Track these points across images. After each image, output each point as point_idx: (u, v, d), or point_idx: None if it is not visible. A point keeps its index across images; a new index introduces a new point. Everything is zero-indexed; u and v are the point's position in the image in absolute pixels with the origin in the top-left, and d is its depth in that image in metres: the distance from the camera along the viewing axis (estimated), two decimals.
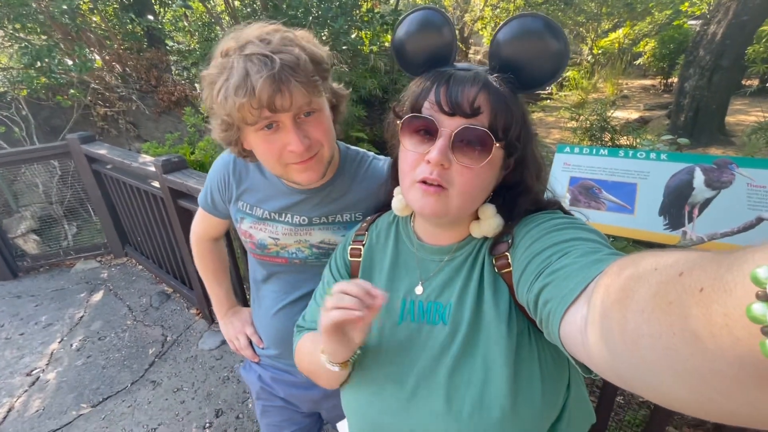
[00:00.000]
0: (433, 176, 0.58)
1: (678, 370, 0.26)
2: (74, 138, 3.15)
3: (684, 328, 0.25)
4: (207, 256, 1.21)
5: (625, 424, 1.73)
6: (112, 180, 3.09)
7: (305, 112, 0.75)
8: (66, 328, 2.72)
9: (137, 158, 2.66)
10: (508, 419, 0.57)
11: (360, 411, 0.70)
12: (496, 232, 0.64)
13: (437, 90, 0.58)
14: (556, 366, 0.62)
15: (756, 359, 0.21)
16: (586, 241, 0.52)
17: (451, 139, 0.57)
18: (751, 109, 6.83)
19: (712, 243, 1.21)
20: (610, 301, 0.34)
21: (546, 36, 0.57)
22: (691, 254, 0.28)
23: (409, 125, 0.61)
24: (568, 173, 1.44)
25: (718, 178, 1.24)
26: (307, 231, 0.94)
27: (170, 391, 2.17)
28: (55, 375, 2.32)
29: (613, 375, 0.35)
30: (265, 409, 1.14)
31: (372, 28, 6.85)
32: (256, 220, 0.96)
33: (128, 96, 5.00)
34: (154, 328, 2.66)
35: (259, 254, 0.99)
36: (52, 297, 3.07)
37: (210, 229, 1.16)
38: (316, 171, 0.81)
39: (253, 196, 0.96)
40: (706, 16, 6.07)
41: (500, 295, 0.62)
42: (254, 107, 0.68)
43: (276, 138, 0.75)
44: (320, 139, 0.78)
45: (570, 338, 0.42)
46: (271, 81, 0.66)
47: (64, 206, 3.66)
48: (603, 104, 4.90)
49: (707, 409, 0.27)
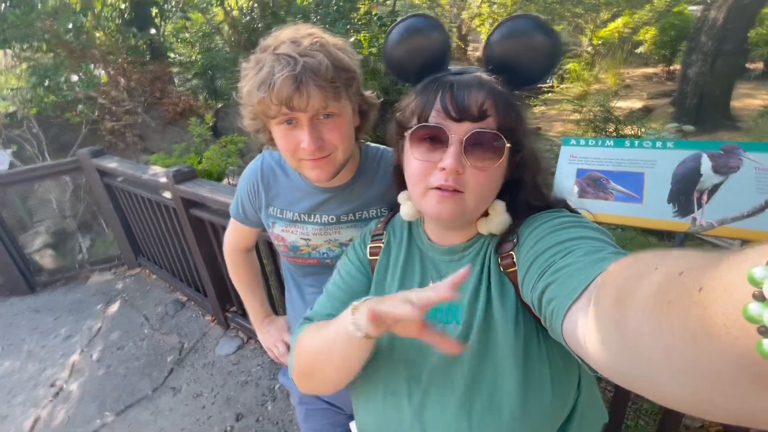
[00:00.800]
0: (449, 183, 0.59)
1: (677, 370, 0.27)
2: (85, 153, 3.21)
3: (683, 328, 0.25)
4: (241, 267, 1.24)
5: (643, 412, 1.73)
6: (124, 192, 3.15)
7: (323, 114, 0.78)
8: (85, 339, 2.77)
9: (148, 170, 2.71)
10: (518, 420, 0.58)
11: (373, 409, 0.70)
12: (503, 229, 0.65)
13: (443, 97, 0.59)
14: (566, 365, 0.62)
15: (753, 359, 0.21)
16: (590, 240, 0.52)
17: (463, 144, 0.58)
18: (758, 92, 6.75)
19: (723, 228, 1.22)
20: (611, 299, 0.34)
21: (537, 34, 0.59)
22: (691, 254, 0.29)
23: (418, 135, 0.62)
24: (575, 165, 1.45)
25: (726, 164, 1.25)
26: (336, 230, 0.97)
27: (190, 396, 2.21)
28: (77, 385, 2.37)
29: (613, 373, 0.36)
30: (309, 413, 1.13)
31: (370, 30, 6.89)
32: (287, 223, 1.00)
33: (134, 109, 5.09)
34: (171, 336, 2.71)
35: (292, 257, 1.03)
36: (70, 310, 3.13)
37: (243, 239, 1.19)
38: (325, 171, 0.84)
39: (282, 201, 1.00)
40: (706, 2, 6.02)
41: (506, 295, 0.63)
42: (273, 103, 0.73)
43: (293, 134, 0.80)
44: (334, 142, 0.81)
45: (572, 336, 0.43)
46: (291, 81, 0.71)
47: (77, 220, 3.73)
48: (605, 95, 4.89)
49: (706, 408, 0.27)
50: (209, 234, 2.40)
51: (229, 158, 3.98)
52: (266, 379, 2.27)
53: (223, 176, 3.95)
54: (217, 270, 2.54)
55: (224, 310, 2.69)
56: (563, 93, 8.78)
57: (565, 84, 9.65)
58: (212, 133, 5.17)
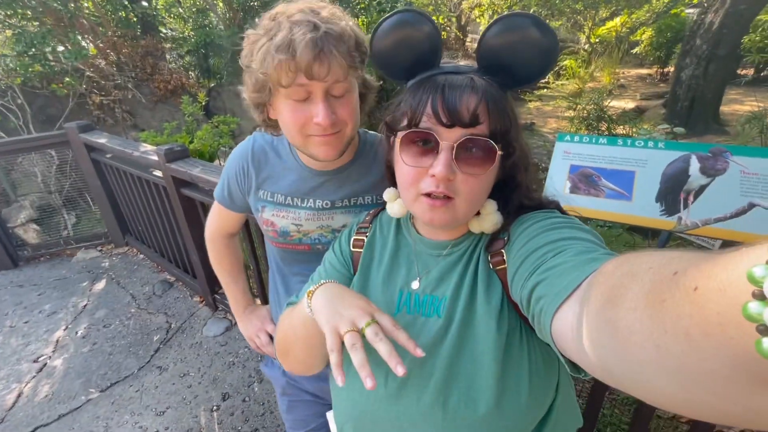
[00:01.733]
0: (440, 189, 0.58)
1: (669, 369, 0.26)
2: (73, 127, 3.13)
3: (676, 327, 0.25)
4: (223, 253, 1.20)
5: (619, 402, 1.80)
6: (112, 169, 3.09)
7: (337, 93, 0.76)
8: (70, 316, 2.75)
9: (138, 147, 2.66)
10: (493, 414, 0.58)
11: (350, 399, 0.71)
12: (495, 229, 0.65)
13: (434, 101, 0.57)
14: (546, 366, 0.62)
15: (750, 359, 0.21)
16: (581, 241, 0.52)
17: (454, 150, 0.57)
18: (746, 99, 6.88)
19: (706, 228, 1.26)
20: (603, 299, 0.34)
21: (533, 33, 0.57)
22: (685, 254, 0.28)
23: (408, 139, 0.60)
24: (569, 161, 1.47)
25: (713, 166, 1.29)
26: (330, 215, 0.94)
27: (177, 376, 2.21)
28: (62, 361, 2.35)
29: (603, 373, 0.35)
30: (291, 404, 1.12)
31: (369, 15, 6.79)
32: (279, 207, 0.96)
33: (124, 84, 4.95)
34: (158, 316, 2.70)
35: (281, 242, 0.99)
36: (54, 286, 3.09)
37: (226, 224, 1.14)
38: (335, 147, 0.81)
39: (273, 184, 0.96)
40: (703, 5, 6.07)
41: (493, 292, 0.63)
42: (292, 69, 0.69)
43: (304, 108, 0.76)
44: (346, 118, 0.79)
45: (561, 335, 0.42)
46: (314, 45, 0.68)
47: (62, 196, 3.65)
48: (600, 93, 4.93)
49: (699, 408, 0.27)
50: (200, 214, 2.38)
51: (221, 139, 3.92)
52: (253, 361, 2.29)
53: (215, 157, 3.90)
54: (206, 251, 2.52)
55: (213, 291, 2.68)
56: (559, 89, 8.81)
57: (561, 80, 9.68)
58: (204, 113, 5.07)
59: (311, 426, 1.11)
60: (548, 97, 9.08)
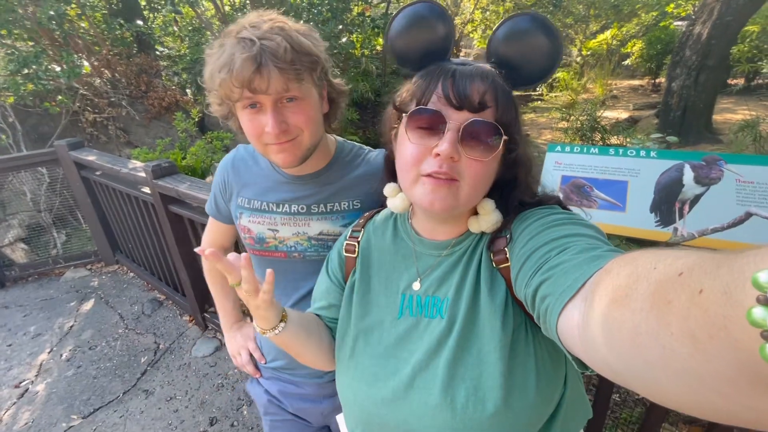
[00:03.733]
0: (443, 169, 0.58)
1: (675, 370, 0.26)
2: (62, 144, 3.10)
3: (682, 328, 0.25)
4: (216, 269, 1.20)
5: (621, 421, 1.73)
6: (102, 186, 3.05)
7: (287, 98, 0.78)
8: (55, 338, 2.66)
9: (127, 164, 2.63)
10: (501, 413, 0.58)
11: (357, 402, 0.71)
12: (494, 228, 0.65)
13: (444, 83, 0.58)
14: (553, 362, 0.62)
15: (754, 362, 0.21)
16: (585, 237, 0.52)
17: (460, 132, 0.57)
18: (738, 108, 6.94)
19: (703, 239, 1.22)
20: (609, 298, 0.34)
21: (541, 34, 0.58)
22: (690, 254, 0.28)
23: (416, 119, 0.60)
24: (560, 172, 1.44)
25: (707, 175, 1.26)
26: (305, 221, 0.95)
27: (163, 400, 2.13)
28: (44, 386, 2.27)
29: (609, 372, 0.35)
30: (273, 425, 1.11)
31: (363, 32, 6.88)
32: (255, 213, 0.97)
33: (118, 102, 4.95)
34: (147, 336, 2.62)
35: (258, 249, 1.00)
36: (41, 307, 3.01)
37: (218, 237, 1.16)
38: (291, 153, 0.83)
39: (251, 190, 0.98)
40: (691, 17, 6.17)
41: (497, 290, 0.62)
42: (235, 86, 0.74)
43: (258, 118, 0.80)
44: (299, 125, 0.81)
45: (567, 334, 0.42)
46: (251, 63, 0.71)
47: (52, 214, 3.60)
48: (593, 105, 4.96)
49: (704, 408, 0.27)
50: (188, 231, 2.34)
51: (215, 155, 3.90)
52: (243, 383, 2.21)
53: (208, 173, 3.86)
54: (196, 269, 2.47)
55: (203, 310, 2.62)
56: (552, 101, 8.90)
57: (554, 92, 9.79)
58: (198, 129, 5.07)
59: None
60: (542, 109, 9.16)
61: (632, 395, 1.85)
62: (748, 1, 4.99)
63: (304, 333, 0.74)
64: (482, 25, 10.75)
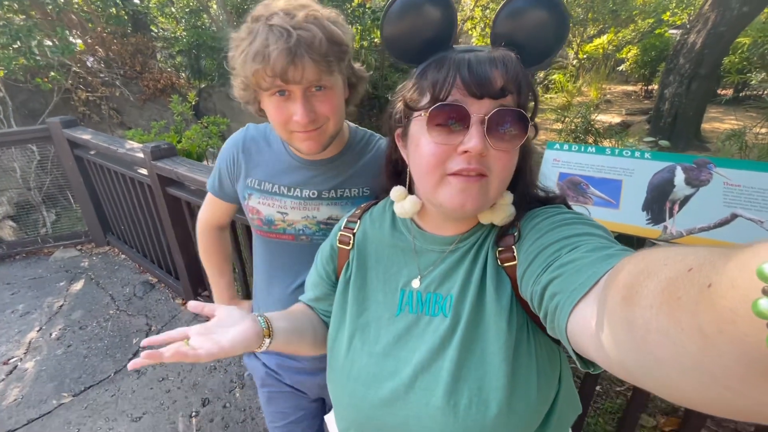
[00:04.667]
0: (473, 166, 0.54)
1: (686, 366, 0.26)
2: (56, 122, 3.05)
3: (692, 324, 0.25)
4: (213, 245, 1.21)
5: (602, 411, 1.80)
6: (96, 166, 3.01)
7: (315, 86, 0.79)
8: (44, 317, 2.64)
9: (124, 144, 2.60)
10: (504, 415, 0.57)
11: (352, 404, 0.68)
12: (507, 221, 0.62)
13: (462, 73, 0.54)
14: (551, 361, 0.62)
15: (763, 355, 0.21)
16: (595, 237, 0.51)
17: (485, 124, 0.54)
18: (726, 117, 7.12)
19: (690, 237, 1.28)
20: (620, 296, 0.34)
21: (545, 6, 0.55)
22: (701, 250, 0.28)
23: (437, 116, 0.55)
24: (558, 169, 1.49)
25: (697, 177, 1.31)
26: (315, 206, 0.96)
27: (155, 380, 2.14)
28: (33, 364, 2.26)
29: (621, 370, 0.35)
30: (271, 395, 1.12)
31: (362, 23, 6.84)
32: (265, 195, 0.98)
33: (111, 81, 4.86)
34: (138, 318, 2.62)
35: (266, 231, 1.00)
36: (29, 285, 2.98)
37: (217, 215, 1.16)
38: (317, 142, 0.84)
39: (262, 171, 0.98)
40: (686, 26, 6.29)
41: (502, 289, 0.61)
42: (268, 75, 0.74)
43: (286, 106, 0.80)
44: (327, 113, 0.82)
45: (578, 333, 0.42)
46: (287, 53, 0.71)
47: (42, 192, 3.54)
48: (587, 107, 5.04)
49: (716, 405, 0.27)
50: (185, 214, 2.34)
51: (210, 139, 3.86)
52: (235, 366, 2.23)
53: (203, 157, 3.83)
54: (190, 252, 2.47)
55: (196, 293, 2.62)
56: (547, 102, 8.98)
57: (549, 94, 9.89)
58: (194, 113, 5.00)
59: (290, 419, 1.11)
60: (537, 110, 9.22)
61: (614, 386, 1.93)
62: (741, 13, 5.10)
63: (296, 336, 0.73)
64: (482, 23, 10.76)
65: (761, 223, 1.20)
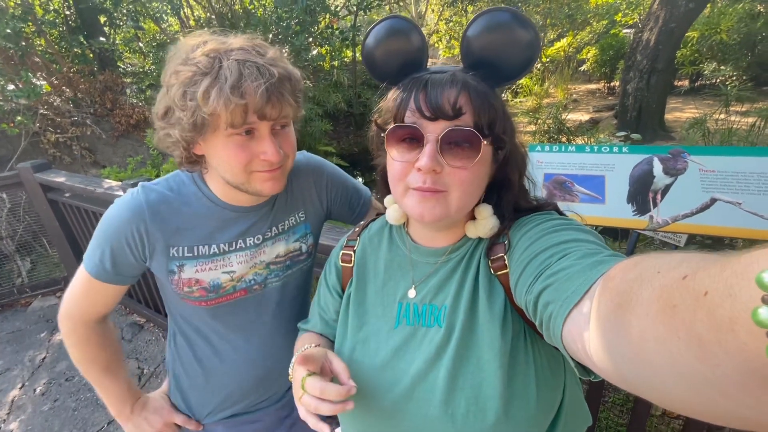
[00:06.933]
0: (427, 185, 0.58)
1: (683, 374, 0.26)
2: (26, 167, 2.94)
3: (689, 332, 0.25)
4: (97, 343, 0.92)
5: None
6: (72, 208, 2.91)
7: (281, 124, 0.77)
8: (26, 372, 2.50)
9: (101, 183, 2.53)
10: (502, 422, 0.57)
11: (356, 416, 0.69)
12: (491, 233, 0.64)
13: (416, 96, 0.58)
14: (552, 369, 0.61)
15: (762, 363, 0.21)
16: (585, 243, 0.51)
17: (438, 143, 0.57)
18: (685, 107, 7.49)
19: (676, 224, 1.33)
20: (614, 304, 0.34)
21: (515, 27, 0.57)
22: (694, 257, 0.28)
23: (394, 135, 0.60)
24: (542, 170, 1.53)
25: (674, 166, 1.37)
26: (261, 250, 0.91)
27: None
28: (18, 424, 2.12)
29: (617, 378, 0.35)
30: None
31: (332, 44, 6.95)
32: (203, 261, 0.85)
33: (82, 121, 4.76)
34: (129, 362, 2.51)
35: (213, 299, 0.88)
36: (8, 340, 2.82)
37: (103, 303, 0.89)
38: (279, 181, 0.81)
39: (190, 236, 0.84)
40: (638, 25, 6.65)
41: (495, 298, 0.62)
42: (245, 111, 0.70)
43: (251, 145, 0.75)
44: (288, 151, 0.80)
45: (573, 341, 0.42)
46: (266, 90, 0.69)
47: (15, 241, 3.39)
48: (557, 108, 5.22)
49: (713, 412, 0.27)
50: None
51: None
52: None
53: None
54: None
55: None
56: (517, 106, 9.27)
57: (518, 98, 10.21)
58: None
59: None
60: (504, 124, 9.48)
61: None
62: (688, 9, 5.44)
63: None
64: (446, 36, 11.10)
65: (739, 205, 1.26)
